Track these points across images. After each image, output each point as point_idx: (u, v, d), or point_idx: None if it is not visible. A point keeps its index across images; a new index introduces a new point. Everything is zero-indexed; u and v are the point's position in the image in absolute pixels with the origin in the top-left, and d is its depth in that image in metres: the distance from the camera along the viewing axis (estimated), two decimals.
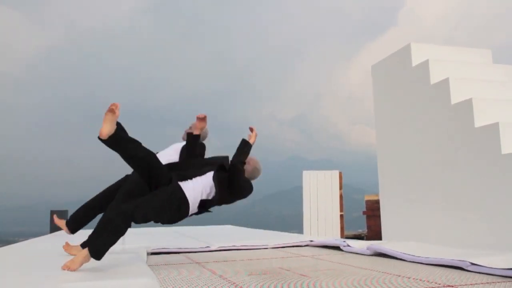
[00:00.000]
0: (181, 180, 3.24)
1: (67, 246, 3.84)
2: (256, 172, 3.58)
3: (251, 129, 3.54)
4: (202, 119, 3.73)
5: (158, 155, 3.83)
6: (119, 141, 2.93)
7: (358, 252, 4.39)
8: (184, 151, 3.92)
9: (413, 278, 2.91)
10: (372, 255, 4.23)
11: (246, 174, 3.47)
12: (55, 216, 4.14)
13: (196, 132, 3.78)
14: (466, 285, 2.66)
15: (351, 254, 4.40)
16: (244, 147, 3.49)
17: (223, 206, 3.53)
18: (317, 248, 5.07)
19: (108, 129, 2.80)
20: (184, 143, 4.00)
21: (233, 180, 3.31)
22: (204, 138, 4.09)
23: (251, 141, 3.53)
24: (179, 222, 3.33)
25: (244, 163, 3.45)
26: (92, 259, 2.88)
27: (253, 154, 3.56)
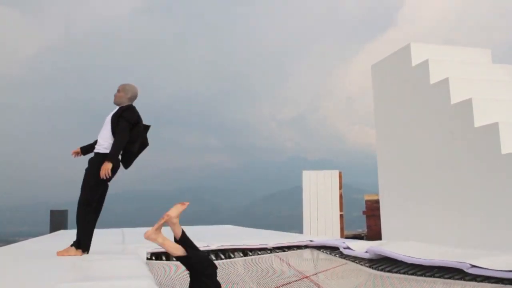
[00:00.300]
0: None
1: (60, 253, 3.85)
2: None
3: None
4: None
5: (99, 135, 3.99)
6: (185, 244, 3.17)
7: (358, 255, 4.35)
8: (114, 118, 3.94)
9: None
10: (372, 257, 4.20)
11: None
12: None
13: None
14: None
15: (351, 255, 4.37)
16: None
17: (223, 204, 3.49)
18: (317, 248, 5.05)
19: (175, 212, 3.00)
20: (114, 111, 4.03)
21: None
22: (135, 98, 4.15)
23: None
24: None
25: None
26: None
27: (252, 153, 3.51)
